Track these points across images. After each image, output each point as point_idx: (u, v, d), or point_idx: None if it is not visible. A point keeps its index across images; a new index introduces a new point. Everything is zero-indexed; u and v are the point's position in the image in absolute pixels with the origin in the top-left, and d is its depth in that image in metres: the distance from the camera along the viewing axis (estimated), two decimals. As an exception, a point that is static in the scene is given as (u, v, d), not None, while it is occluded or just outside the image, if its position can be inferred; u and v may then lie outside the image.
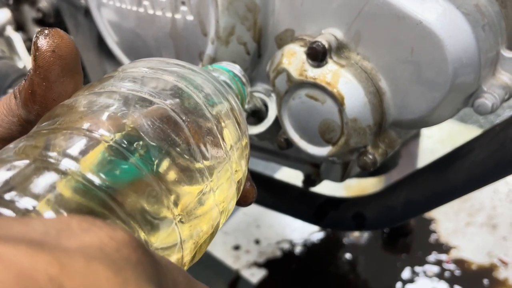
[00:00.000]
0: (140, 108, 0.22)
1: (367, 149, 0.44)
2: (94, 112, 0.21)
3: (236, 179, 0.26)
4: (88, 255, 0.12)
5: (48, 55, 0.23)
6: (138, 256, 0.14)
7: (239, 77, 0.36)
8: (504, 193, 0.98)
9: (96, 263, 0.12)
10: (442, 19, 0.37)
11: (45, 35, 0.23)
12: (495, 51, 0.40)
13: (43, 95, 0.23)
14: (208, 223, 0.23)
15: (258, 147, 0.61)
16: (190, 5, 0.46)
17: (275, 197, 0.66)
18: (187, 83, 0.25)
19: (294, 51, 0.43)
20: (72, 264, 0.12)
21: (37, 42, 0.23)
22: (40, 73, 0.23)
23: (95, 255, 0.13)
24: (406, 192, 0.53)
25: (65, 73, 0.23)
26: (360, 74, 0.41)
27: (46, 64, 0.23)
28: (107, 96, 0.22)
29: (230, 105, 0.27)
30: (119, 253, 0.13)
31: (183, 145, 0.22)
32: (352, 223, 0.59)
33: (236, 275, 0.89)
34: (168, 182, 0.21)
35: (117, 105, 0.22)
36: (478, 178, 0.47)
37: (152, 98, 0.23)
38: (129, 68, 0.26)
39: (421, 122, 0.42)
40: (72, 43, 0.23)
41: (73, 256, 0.12)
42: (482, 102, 0.40)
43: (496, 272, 0.83)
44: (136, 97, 0.23)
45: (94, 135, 0.20)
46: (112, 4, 0.54)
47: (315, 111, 0.44)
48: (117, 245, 0.13)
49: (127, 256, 0.13)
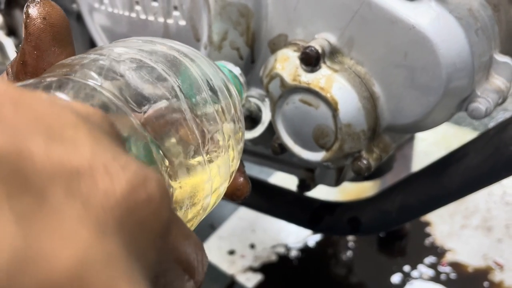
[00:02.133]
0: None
1: (361, 154, 0.44)
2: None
3: (232, 161, 0.26)
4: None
5: (39, 22, 0.23)
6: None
7: (238, 78, 0.36)
8: (498, 195, 0.98)
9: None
10: (435, 23, 0.37)
11: (36, 3, 0.23)
12: (488, 56, 0.40)
13: (34, 65, 0.23)
14: (201, 190, 0.23)
15: (252, 152, 0.60)
16: (182, 10, 0.46)
17: (269, 202, 0.66)
18: (193, 63, 0.25)
19: (287, 56, 0.43)
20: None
21: (28, 11, 0.23)
22: (31, 41, 0.23)
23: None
24: (401, 196, 0.53)
25: (56, 42, 0.23)
26: (353, 79, 0.41)
27: (37, 31, 0.23)
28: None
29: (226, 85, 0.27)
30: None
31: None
32: (347, 228, 0.59)
33: (232, 280, 0.89)
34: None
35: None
36: (473, 182, 0.47)
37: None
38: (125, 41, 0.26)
39: (415, 126, 0.42)
40: (63, 13, 0.23)
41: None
42: (475, 106, 0.40)
43: (492, 274, 0.83)
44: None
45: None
46: (104, 9, 0.54)
47: (309, 116, 0.43)
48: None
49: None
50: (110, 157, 0.12)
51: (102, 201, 0.11)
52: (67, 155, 0.11)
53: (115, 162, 0.12)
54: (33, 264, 0.09)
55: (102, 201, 0.11)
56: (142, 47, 0.24)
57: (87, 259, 0.10)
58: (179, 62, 0.24)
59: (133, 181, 0.12)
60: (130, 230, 0.12)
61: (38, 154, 0.10)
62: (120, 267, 0.11)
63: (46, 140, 0.11)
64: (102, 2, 0.53)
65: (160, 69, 0.23)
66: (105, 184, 0.11)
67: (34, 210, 0.10)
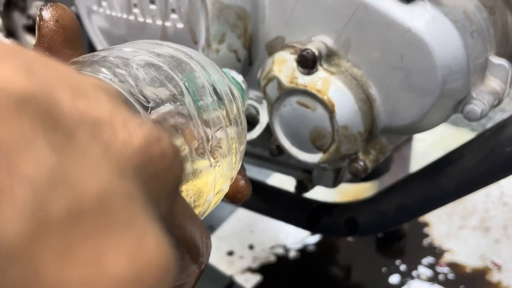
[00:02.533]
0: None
1: (358, 156, 0.44)
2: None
3: (234, 164, 0.26)
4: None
5: (52, 24, 0.24)
6: None
7: (240, 85, 0.36)
8: (496, 195, 0.98)
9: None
10: (430, 26, 0.37)
11: (49, 6, 0.24)
12: (483, 58, 0.40)
13: None
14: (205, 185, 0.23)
15: (250, 153, 0.61)
16: (180, 13, 0.46)
17: (268, 203, 0.66)
18: (198, 64, 0.26)
19: (284, 58, 0.43)
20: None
21: (41, 13, 0.24)
22: (44, 42, 0.24)
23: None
24: (398, 197, 0.53)
25: (68, 43, 0.24)
26: (350, 81, 0.41)
27: (50, 33, 0.24)
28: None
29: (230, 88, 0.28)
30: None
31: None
32: (344, 229, 0.59)
33: (230, 281, 0.89)
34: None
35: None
36: (469, 183, 0.47)
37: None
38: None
39: (412, 128, 0.42)
40: (74, 16, 0.24)
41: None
42: (471, 108, 0.40)
43: (490, 275, 0.83)
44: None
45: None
46: (103, 12, 0.54)
47: (306, 118, 0.44)
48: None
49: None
50: (128, 115, 0.13)
51: (121, 149, 0.12)
52: (91, 107, 0.12)
53: (133, 120, 0.13)
54: (65, 184, 0.10)
55: (121, 149, 0.12)
56: (150, 49, 0.24)
57: (111, 190, 0.11)
58: (185, 64, 0.25)
59: (149, 137, 0.13)
60: (145, 180, 0.13)
61: (65, 102, 0.12)
62: (139, 205, 0.12)
63: (72, 93, 0.12)
64: (101, 5, 0.53)
65: (168, 69, 0.23)
66: (124, 136, 0.12)
67: (64, 145, 0.11)
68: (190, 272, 0.18)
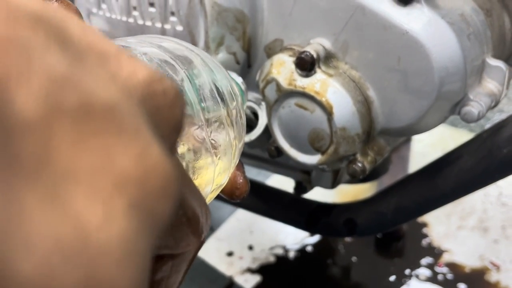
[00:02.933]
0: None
1: (356, 157, 0.45)
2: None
3: (233, 159, 0.27)
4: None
5: None
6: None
7: (240, 87, 0.36)
8: (494, 196, 0.98)
9: None
10: (427, 28, 0.37)
11: (53, 2, 0.24)
12: (480, 60, 0.40)
13: None
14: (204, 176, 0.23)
15: (249, 155, 0.61)
16: (179, 16, 0.46)
17: (267, 204, 0.66)
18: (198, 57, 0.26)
19: (283, 60, 0.44)
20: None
21: None
22: None
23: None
24: (396, 198, 0.53)
25: None
26: (348, 83, 0.41)
27: None
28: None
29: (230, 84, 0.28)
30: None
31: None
32: (343, 230, 0.59)
33: (230, 281, 0.89)
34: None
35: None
36: (467, 185, 0.47)
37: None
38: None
39: (409, 130, 0.43)
40: (79, 12, 0.25)
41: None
42: (468, 110, 0.40)
43: (488, 275, 0.83)
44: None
45: None
46: (102, 14, 0.54)
47: (304, 120, 0.44)
48: None
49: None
50: (132, 56, 0.14)
51: (126, 79, 0.13)
52: (98, 40, 0.13)
53: (137, 59, 0.14)
54: (77, 86, 0.11)
55: (126, 79, 0.13)
56: (154, 42, 0.25)
57: (119, 102, 0.12)
58: (189, 60, 0.25)
59: (152, 75, 0.14)
60: (149, 112, 0.13)
61: (76, 31, 0.12)
62: (145, 123, 0.12)
63: (80, 27, 0.13)
64: (100, 7, 0.54)
65: (174, 62, 0.23)
66: (129, 69, 0.13)
67: (76, 61, 0.11)
68: (190, 241, 0.18)
